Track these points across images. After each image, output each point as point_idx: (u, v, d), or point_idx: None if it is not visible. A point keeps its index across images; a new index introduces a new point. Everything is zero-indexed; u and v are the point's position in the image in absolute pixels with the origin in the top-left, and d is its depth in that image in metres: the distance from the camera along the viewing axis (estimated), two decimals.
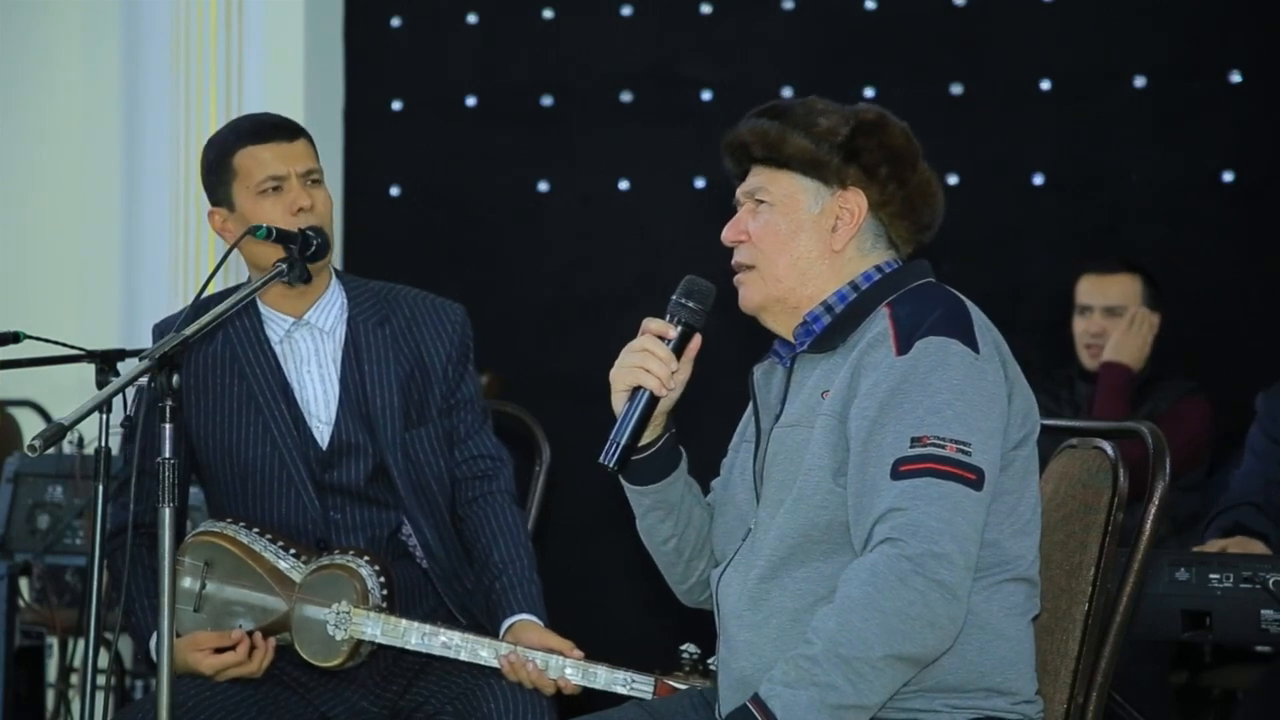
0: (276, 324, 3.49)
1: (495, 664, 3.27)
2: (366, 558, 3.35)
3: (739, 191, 2.85)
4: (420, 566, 3.48)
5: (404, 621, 3.28)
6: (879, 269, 2.80)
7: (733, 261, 2.84)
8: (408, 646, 3.28)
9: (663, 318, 2.81)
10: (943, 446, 2.59)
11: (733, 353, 3.16)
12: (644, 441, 2.84)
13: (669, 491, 2.89)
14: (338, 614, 3.29)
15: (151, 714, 3.20)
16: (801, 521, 2.69)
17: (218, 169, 3.44)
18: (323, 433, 3.46)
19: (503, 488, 3.55)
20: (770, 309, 2.82)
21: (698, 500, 2.94)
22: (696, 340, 2.80)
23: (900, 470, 2.59)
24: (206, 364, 3.49)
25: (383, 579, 3.33)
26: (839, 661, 2.54)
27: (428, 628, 3.28)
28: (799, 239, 2.78)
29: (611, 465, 2.77)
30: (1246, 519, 4.01)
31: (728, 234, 2.84)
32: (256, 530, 3.41)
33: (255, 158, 3.40)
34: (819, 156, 2.77)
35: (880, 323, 2.70)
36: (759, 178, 2.82)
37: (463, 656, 3.28)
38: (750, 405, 2.90)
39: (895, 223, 2.80)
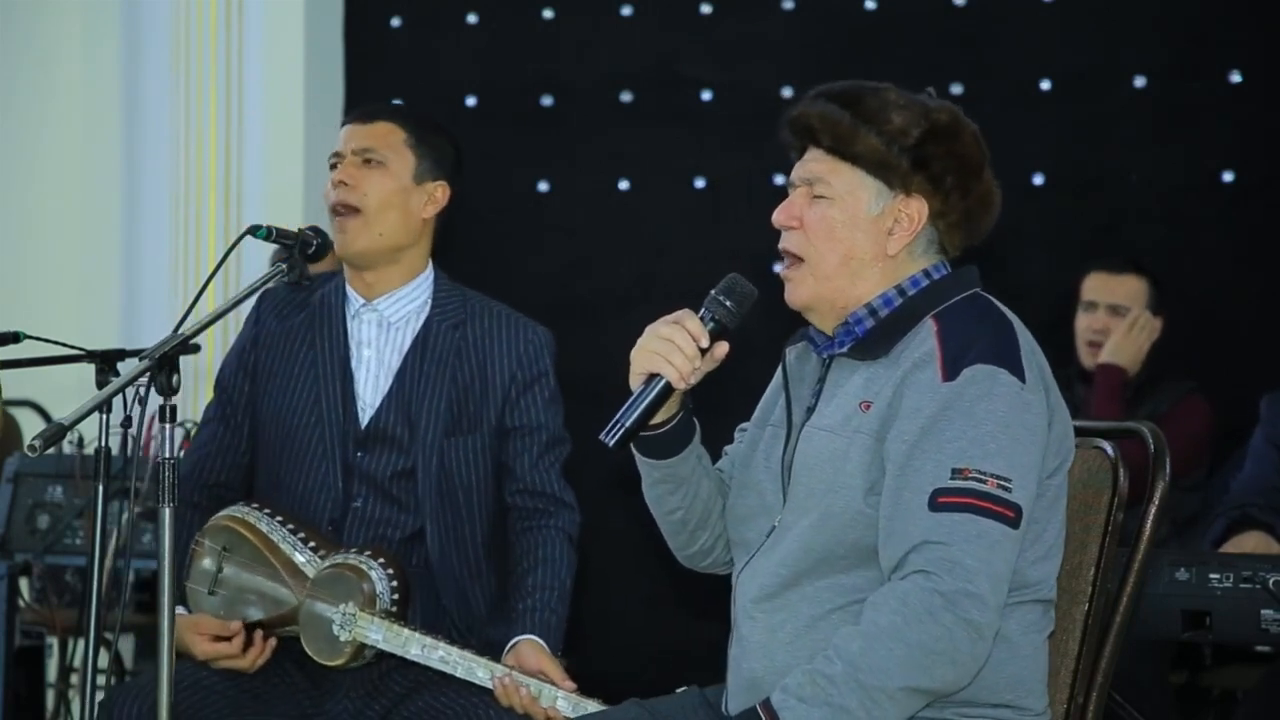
0: (353, 301, 3.55)
1: (489, 685, 3.26)
2: (382, 560, 3.34)
3: (795, 174, 2.78)
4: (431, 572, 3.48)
5: (407, 630, 3.28)
6: (927, 274, 2.75)
7: (780, 246, 2.77)
8: (407, 656, 3.28)
9: (669, 318, 2.76)
10: (984, 481, 2.56)
11: (761, 327, 3.12)
12: (659, 419, 2.78)
13: (680, 466, 2.84)
14: (344, 615, 3.29)
15: (146, 694, 3.22)
16: (827, 539, 2.66)
17: None
18: (365, 414, 3.48)
19: (561, 525, 3.53)
20: (817, 308, 2.77)
21: (707, 472, 2.89)
22: (724, 346, 2.73)
23: (939, 502, 2.56)
24: (288, 329, 3.54)
25: (395, 583, 3.32)
26: (857, 687, 2.53)
27: (429, 640, 3.27)
28: (854, 237, 2.72)
29: (611, 445, 2.72)
30: (1253, 512, 4.01)
31: (779, 216, 2.76)
32: (279, 519, 3.41)
33: (339, 138, 3.54)
34: (888, 159, 2.70)
35: (927, 340, 2.66)
36: (820, 165, 2.74)
37: (458, 673, 3.26)
38: (779, 382, 2.85)
39: (951, 231, 2.76)
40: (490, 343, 3.54)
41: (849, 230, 2.72)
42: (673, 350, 2.70)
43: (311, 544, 3.39)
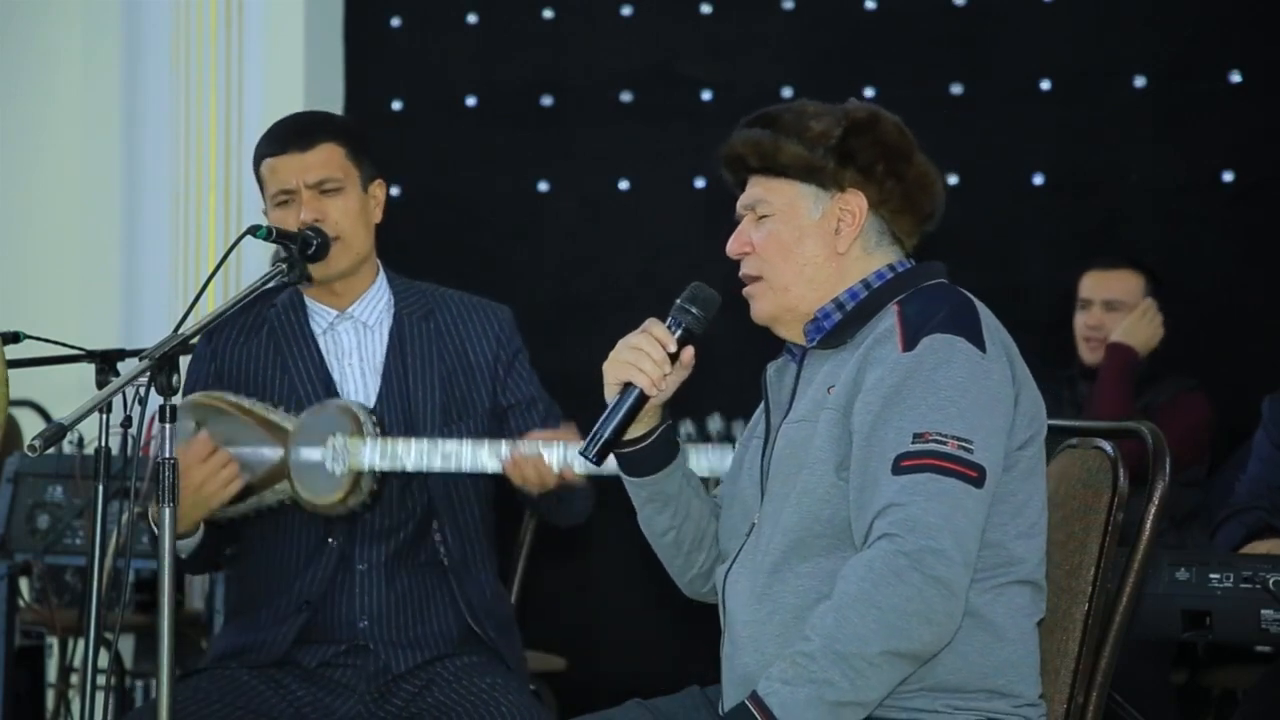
0: (320, 316, 3.54)
1: (497, 467, 3.28)
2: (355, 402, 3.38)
3: (739, 204, 2.86)
4: (443, 565, 3.49)
5: (400, 441, 3.29)
6: (892, 268, 2.80)
7: (740, 274, 2.84)
8: (407, 467, 3.29)
9: (664, 319, 2.81)
10: (944, 443, 2.59)
11: (742, 352, 3.16)
12: (638, 434, 2.84)
13: (666, 483, 2.88)
14: (334, 449, 3.30)
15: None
16: (804, 515, 2.69)
17: (256, 175, 3.52)
18: None
19: None
20: (782, 319, 2.82)
21: (697, 493, 2.93)
22: (690, 352, 2.80)
23: (901, 465, 2.59)
24: (251, 357, 3.52)
25: (374, 415, 3.36)
26: (836, 658, 2.54)
27: (425, 444, 3.29)
28: (803, 246, 2.78)
29: (590, 457, 2.77)
30: (1264, 516, 4.01)
31: (732, 247, 2.84)
32: (245, 395, 3.43)
33: (271, 169, 3.46)
34: (814, 162, 2.77)
35: (888, 319, 2.70)
36: (757, 188, 2.82)
37: (466, 466, 3.28)
38: (762, 403, 2.90)
39: (897, 218, 2.80)
40: (464, 327, 3.57)
41: (797, 240, 2.79)
42: (642, 358, 2.76)
43: (282, 408, 3.41)
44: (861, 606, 2.55)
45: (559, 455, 3.27)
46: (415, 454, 3.28)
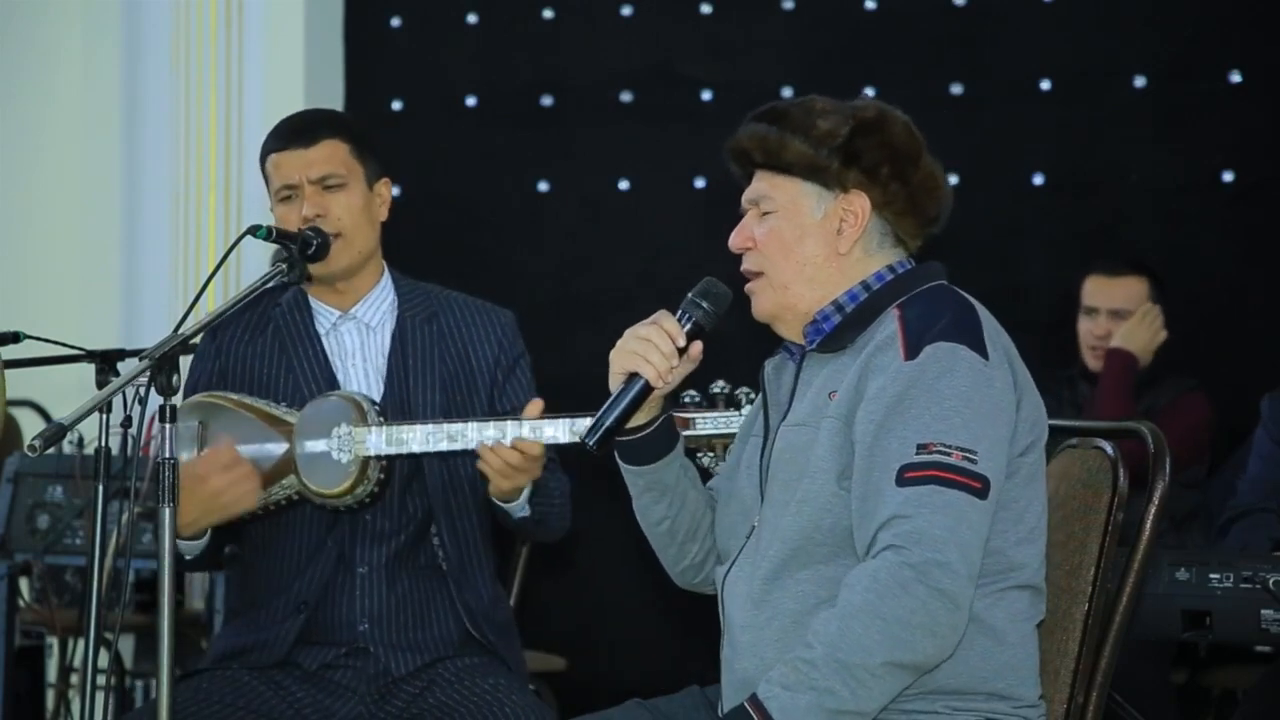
0: (324, 316, 3.54)
1: (499, 440, 3.26)
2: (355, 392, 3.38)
3: (744, 198, 2.85)
4: (442, 569, 3.49)
5: (404, 427, 3.29)
6: (891, 269, 2.79)
7: (741, 268, 2.84)
8: (412, 451, 3.29)
9: (673, 312, 2.81)
10: (949, 454, 2.58)
11: (744, 347, 3.15)
12: (639, 423, 2.83)
13: (664, 473, 2.88)
14: (339, 439, 3.30)
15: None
16: (804, 524, 2.68)
17: (261, 171, 3.53)
18: None
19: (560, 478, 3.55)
20: (782, 317, 2.82)
21: (694, 484, 2.93)
22: (699, 346, 2.80)
23: (905, 477, 2.58)
24: (256, 355, 3.52)
25: (376, 405, 3.35)
26: (838, 667, 2.54)
27: (430, 426, 3.29)
28: (804, 244, 2.78)
29: (591, 444, 2.77)
30: None
31: (734, 240, 2.83)
32: (245, 394, 3.43)
33: (275, 164, 3.48)
34: (819, 161, 2.76)
35: (889, 325, 2.69)
36: (762, 184, 2.82)
37: (473, 445, 3.27)
38: (760, 399, 2.90)
39: (900, 220, 2.79)
40: (467, 330, 3.57)
41: (798, 238, 2.78)
42: (650, 349, 2.76)
43: (284, 403, 3.41)
44: (865, 617, 2.54)
45: (561, 431, 3.26)
46: (420, 439, 3.28)
